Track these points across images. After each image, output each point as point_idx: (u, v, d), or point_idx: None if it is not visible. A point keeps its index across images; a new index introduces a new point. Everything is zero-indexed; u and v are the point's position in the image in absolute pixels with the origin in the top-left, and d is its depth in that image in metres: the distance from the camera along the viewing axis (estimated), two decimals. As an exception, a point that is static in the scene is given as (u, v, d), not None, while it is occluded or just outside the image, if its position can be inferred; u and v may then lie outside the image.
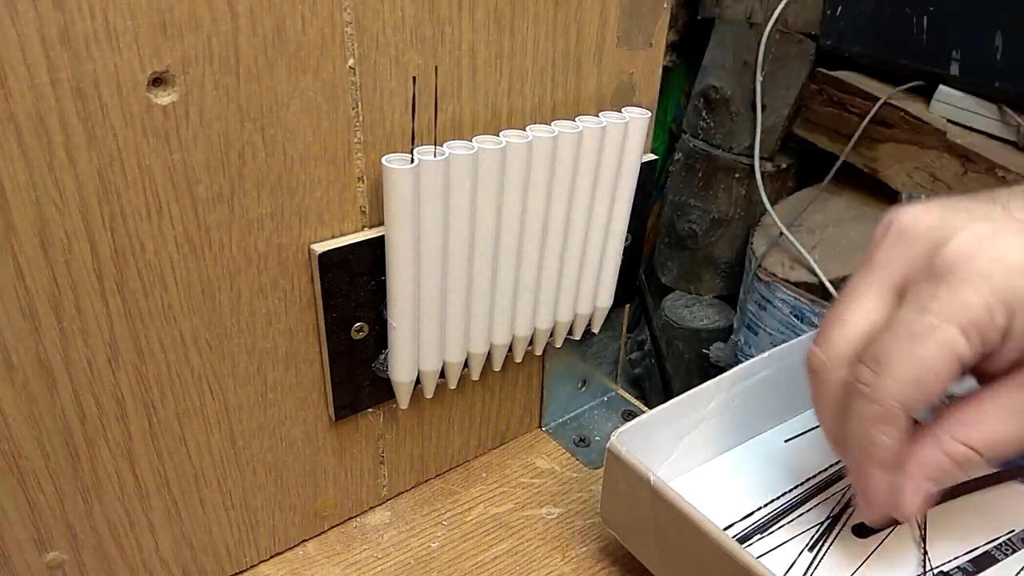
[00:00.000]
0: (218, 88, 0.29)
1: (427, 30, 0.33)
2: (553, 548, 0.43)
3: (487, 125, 0.37)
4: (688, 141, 1.19)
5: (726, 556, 0.32)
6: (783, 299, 0.99)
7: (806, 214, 1.10)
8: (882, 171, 1.06)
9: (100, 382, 0.31)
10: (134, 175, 0.29)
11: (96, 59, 0.26)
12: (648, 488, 0.35)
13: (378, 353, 0.38)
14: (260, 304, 0.34)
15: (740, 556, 0.32)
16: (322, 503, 0.42)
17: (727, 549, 0.32)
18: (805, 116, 1.11)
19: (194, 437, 0.35)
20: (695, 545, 0.34)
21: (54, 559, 0.33)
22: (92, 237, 0.29)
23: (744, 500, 0.41)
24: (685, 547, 0.35)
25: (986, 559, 0.38)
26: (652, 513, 0.36)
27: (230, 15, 0.28)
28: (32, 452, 0.31)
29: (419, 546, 0.43)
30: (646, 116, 0.39)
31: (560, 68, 0.38)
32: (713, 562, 0.33)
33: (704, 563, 0.34)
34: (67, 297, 0.29)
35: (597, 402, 0.54)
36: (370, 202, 0.35)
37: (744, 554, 0.32)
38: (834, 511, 0.40)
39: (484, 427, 0.48)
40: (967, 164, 0.97)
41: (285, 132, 0.31)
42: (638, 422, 0.39)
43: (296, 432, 0.38)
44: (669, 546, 0.36)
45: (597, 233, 0.42)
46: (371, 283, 0.36)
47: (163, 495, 0.35)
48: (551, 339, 0.45)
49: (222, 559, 0.39)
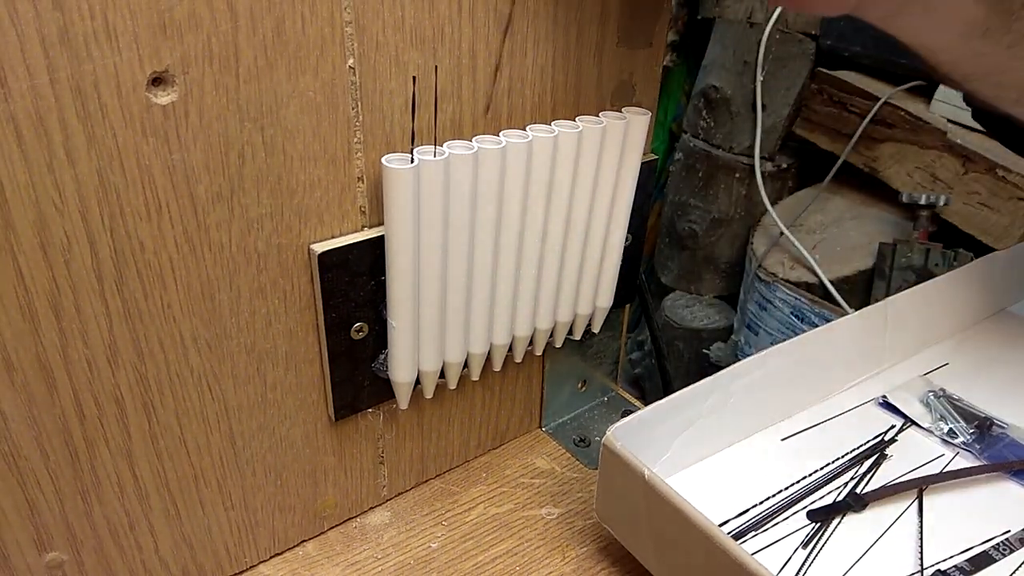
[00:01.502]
0: (218, 88, 0.29)
1: (427, 30, 0.33)
2: (553, 548, 0.43)
3: (487, 125, 0.37)
4: (688, 141, 1.19)
5: (721, 552, 0.32)
6: (783, 299, 0.99)
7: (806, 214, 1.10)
8: (882, 171, 1.06)
9: (100, 382, 0.31)
10: (133, 175, 0.28)
11: (96, 59, 0.26)
12: (643, 483, 0.35)
13: (378, 353, 0.38)
14: (260, 304, 0.34)
15: (735, 552, 0.32)
16: (322, 503, 0.42)
17: (722, 545, 0.32)
18: (805, 116, 1.11)
19: (194, 437, 0.35)
20: (689, 541, 0.34)
21: (54, 559, 0.33)
22: (91, 237, 0.28)
23: (740, 497, 0.41)
24: (680, 543, 0.35)
25: (983, 559, 0.38)
26: (647, 509, 0.36)
27: (230, 15, 0.28)
28: (32, 452, 0.31)
29: (419, 546, 0.42)
30: (646, 116, 0.39)
31: (560, 68, 0.38)
32: (708, 558, 0.33)
33: (699, 559, 0.34)
34: (67, 297, 0.29)
35: (597, 402, 0.54)
36: (370, 202, 0.35)
37: (738, 550, 0.32)
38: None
39: (484, 427, 0.48)
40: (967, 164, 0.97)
41: (285, 132, 0.31)
42: (634, 418, 0.39)
43: (296, 432, 0.38)
44: (664, 542, 0.36)
45: (597, 233, 0.42)
46: (371, 283, 0.36)
47: (162, 495, 0.35)
48: (551, 339, 0.45)
49: (222, 559, 0.39)
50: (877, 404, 0.48)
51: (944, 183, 1.02)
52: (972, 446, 0.44)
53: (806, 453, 0.44)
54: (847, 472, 0.43)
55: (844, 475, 0.42)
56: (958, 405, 0.47)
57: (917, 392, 0.48)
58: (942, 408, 0.47)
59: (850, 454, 0.44)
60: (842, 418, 0.47)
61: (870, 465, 0.43)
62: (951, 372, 0.51)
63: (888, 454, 0.44)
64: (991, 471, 0.43)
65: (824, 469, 0.43)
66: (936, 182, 1.03)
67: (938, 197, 1.01)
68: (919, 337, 0.52)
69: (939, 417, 0.46)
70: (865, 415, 0.47)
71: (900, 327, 0.50)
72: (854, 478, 0.42)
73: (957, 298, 0.54)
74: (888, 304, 0.49)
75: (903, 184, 1.05)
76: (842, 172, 1.09)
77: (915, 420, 0.46)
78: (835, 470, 0.43)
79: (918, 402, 0.47)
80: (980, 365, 0.51)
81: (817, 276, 1.00)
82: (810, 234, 1.07)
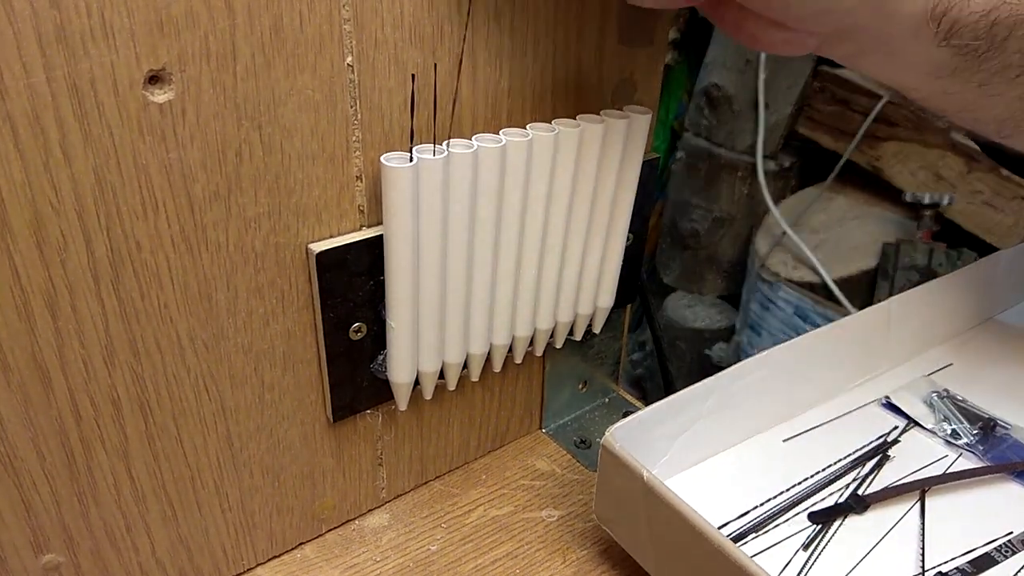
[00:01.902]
0: (215, 86, 0.29)
1: (426, 28, 0.33)
2: (553, 551, 0.43)
3: (487, 124, 0.37)
4: (690, 140, 1.18)
5: (719, 554, 0.32)
6: (786, 299, 0.99)
7: (809, 213, 1.09)
8: (885, 170, 1.06)
9: (96, 383, 0.31)
10: (130, 173, 0.28)
11: (92, 57, 0.26)
12: (642, 484, 0.35)
13: (376, 354, 0.38)
14: (257, 304, 0.34)
15: (733, 554, 0.31)
16: (320, 505, 0.42)
17: (720, 547, 0.32)
18: (808, 114, 1.11)
19: (191, 438, 0.35)
20: (688, 542, 0.33)
21: (50, 561, 0.33)
22: (88, 236, 0.28)
23: (740, 499, 0.41)
24: (678, 544, 0.35)
25: (985, 560, 0.37)
26: (646, 510, 0.36)
27: (227, 12, 0.28)
28: (27, 454, 0.30)
29: (418, 549, 0.42)
30: (648, 114, 0.39)
31: (561, 66, 0.38)
32: (706, 560, 0.33)
33: (697, 561, 0.33)
34: (63, 297, 0.29)
35: (598, 403, 0.54)
36: (368, 201, 0.35)
37: (737, 552, 0.31)
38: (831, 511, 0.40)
39: (484, 429, 0.47)
40: (971, 163, 0.97)
41: (283, 130, 0.31)
42: (634, 419, 0.38)
43: (294, 433, 0.38)
44: (663, 543, 0.36)
45: (598, 233, 0.41)
46: (369, 283, 0.36)
47: (159, 497, 0.35)
48: (551, 339, 0.45)
49: (219, 562, 0.39)
50: (880, 405, 0.48)
51: (948, 182, 1.02)
52: (975, 447, 0.44)
53: (808, 454, 0.44)
54: (849, 473, 0.42)
55: (846, 476, 0.42)
56: (962, 406, 0.47)
57: (920, 393, 0.48)
58: (945, 409, 0.47)
59: (852, 455, 0.44)
60: (844, 419, 0.46)
61: (872, 466, 0.43)
62: (955, 373, 0.50)
63: (891, 455, 0.44)
64: (994, 472, 0.42)
65: (826, 470, 0.43)
66: (940, 181, 1.02)
67: (942, 196, 1.00)
68: (922, 337, 0.52)
69: (942, 418, 0.46)
70: (868, 416, 0.47)
71: (903, 327, 0.50)
72: (856, 479, 0.42)
73: (961, 298, 0.53)
74: (891, 304, 0.49)
75: (906, 183, 1.05)
76: (845, 171, 1.09)
77: (918, 421, 0.46)
78: (837, 471, 0.42)
79: (921, 403, 0.47)
80: (984, 366, 0.51)
81: (820, 276, 1.00)
82: (813, 233, 1.07)
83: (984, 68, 0.31)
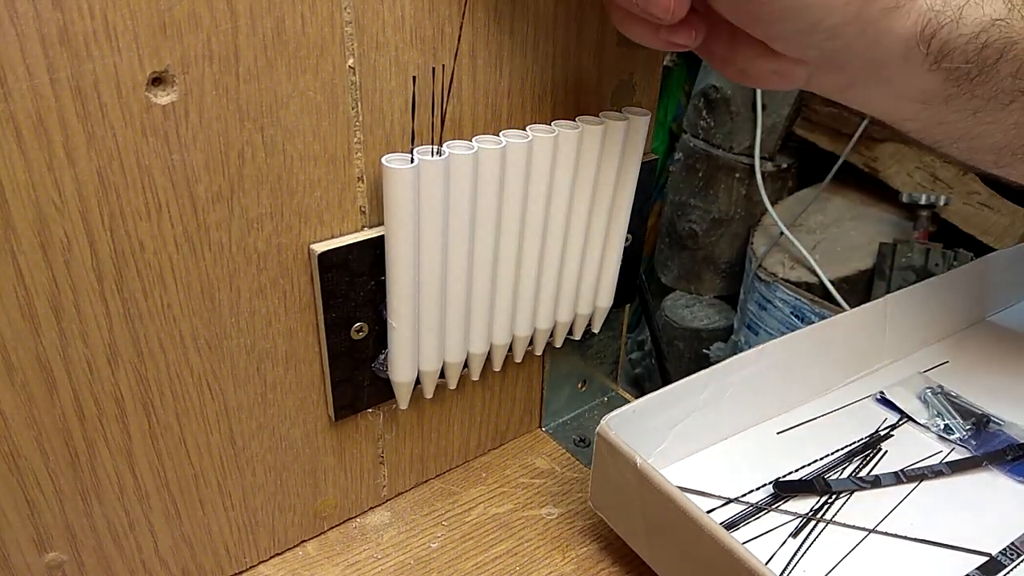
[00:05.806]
0: (217, 88, 0.29)
1: (427, 30, 0.33)
2: (553, 548, 0.43)
3: (487, 125, 0.37)
4: (688, 141, 1.19)
5: (711, 540, 0.32)
6: (783, 299, 0.99)
7: (806, 214, 1.10)
8: (882, 171, 1.06)
9: (99, 382, 0.31)
10: (133, 175, 0.28)
11: (95, 59, 0.26)
12: (635, 471, 0.36)
13: (378, 353, 0.38)
14: (260, 304, 0.34)
15: (724, 540, 0.32)
16: (322, 503, 0.42)
17: (712, 533, 0.32)
18: (805, 116, 1.11)
19: (193, 437, 0.35)
20: (681, 529, 0.34)
21: (53, 559, 0.33)
22: (91, 237, 0.28)
23: (733, 489, 0.41)
24: (671, 531, 0.35)
25: (992, 565, 0.37)
26: (639, 497, 0.36)
27: (229, 14, 0.28)
28: (32, 452, 0.31)
29: (419, 546, 0.42)
30: (646, 116, 0.39)
31: (560, 68, 0.38)
32: (698, 546, 0.33)
33: (690, 547, 0.34)
34: (66, 297, 0.29)
35: (597, 402, 0.54)
36: (370, 202, 0.35)
37: (728, 538, 0.32)
38: (821, 501, 0.40)
39: (484, 427, 0.48)
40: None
41: (285, 132, 0.31)
42: (629, 408, 0.39)
43: (296, 432, 0.38)
44: (656, 530, 0.36)
45: (597, 233, 0.42)
46: (371, 283, 0.36)
47: (162, 495, 0.35)
48: (551, 339, 0.45)
49: (221, 559, 0.39)
50: (874, 400, 0.48)
51: (944, 183, 1.02)
52: (968, 442, 0.44)
53: (801, 447, 0.44)
54: (841, 466, 0.43)
55: (839, 469, 0.43)
56: (955, 402, 0.47)
57: (915, 388, 0.48)
58: (939, 404, 0.47)
59: (845, 448, 0.44)
60: (838, 413, 0.47)
61: (865, 459, 0.43)
62: (950, 370, 0.51)
63: (884, 448, 0.44)
64: (974, 466, 0.43)
65: (819, 462, 0.43)
66: (936, 182, 1.03)
67: (938, 197, 1.01)
68: (918, 335, 0.52)
69: (936, 413, 0.46)
70: (862, 411, 0.47)
71: (899, 325, 0.50)
72: (850, 472, 0.42)
73: (957, 297, 0.54)
74: (887, 301, 0.49)
75: (903, 184, 1.05)
76: (842, 172, 1.09)
77: (912, 416, 0.46)
78: (830, 463, 0.43)
79: (915, 398, 0.48)
80: (979, 363, 0.51)
81: (817, 276, 1.00)
82: (810, 234, 1.07)
83: (977, 94, 0.31)
